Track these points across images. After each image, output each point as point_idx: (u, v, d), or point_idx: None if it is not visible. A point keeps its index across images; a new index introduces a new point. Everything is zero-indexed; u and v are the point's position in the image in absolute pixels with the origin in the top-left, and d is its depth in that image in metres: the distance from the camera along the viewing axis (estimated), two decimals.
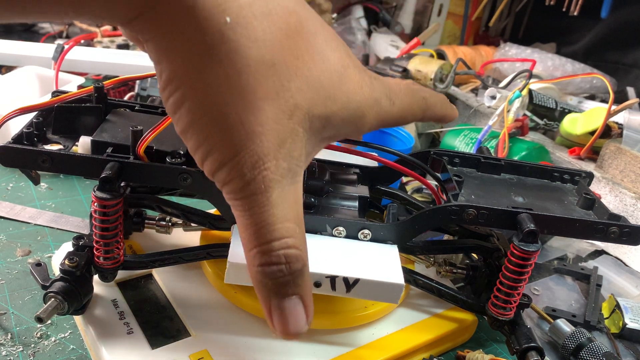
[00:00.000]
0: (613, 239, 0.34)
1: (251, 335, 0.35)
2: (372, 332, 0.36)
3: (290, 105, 0.24)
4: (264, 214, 0.25)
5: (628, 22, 0.90)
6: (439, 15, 1.05)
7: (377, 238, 0.34)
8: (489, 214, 0.33)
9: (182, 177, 0.32)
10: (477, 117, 0.71)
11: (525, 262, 0.33)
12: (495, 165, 0.40)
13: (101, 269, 0.35)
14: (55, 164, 0.32)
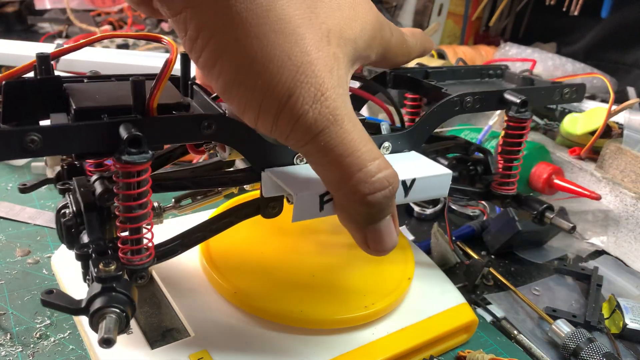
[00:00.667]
0: (567, 99, 0.43)
1: (251, 335, 0.35)
2: (372, 332, 0.36)
3: (324, 30, 0.24)
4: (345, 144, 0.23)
5: (628, 22, 0.90)
6: (439, 14, 1.05)
7: (395, 149, 0.36)
8: (482, 98, 0.38)
9: (204, 124, 0.27)
10: (477, 117, 0.71)
11: (522, 131, 0.40)
12: (441, 72, 0.44)
13: (134, 267, 0.28)
14: (47, 143, 0.24)
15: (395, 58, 0.34)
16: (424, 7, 1.07)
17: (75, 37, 0.96)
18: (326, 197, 0.29)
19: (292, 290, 0.36)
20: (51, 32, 1.08)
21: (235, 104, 0.24)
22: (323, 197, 0.29)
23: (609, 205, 0.56)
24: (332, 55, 0.24)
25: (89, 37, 0.30)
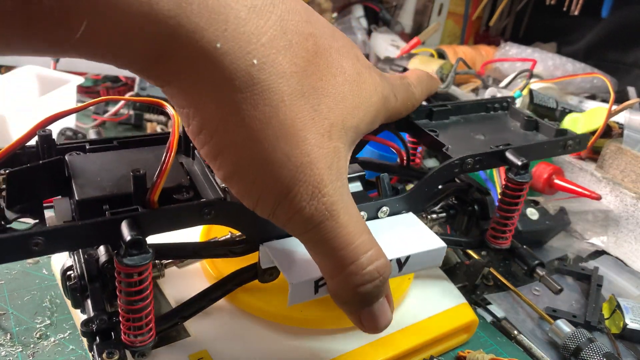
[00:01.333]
0: (570, 150, 0.41)
1: (251, 335, 0.35)
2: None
3: (327, 126, 0.24)
4: (339, 238, 0.25)
5: (628, 22, 0.90)
6: (439, 14, 1.05)
7: (393, 212, 0.36)
8: (482, 159, 0.37)
9: (205, 211, 0.28)
10: None
11: (519, 192, 0.38)
12: (445, 110, 0.42)
13: (133, 348, 0.29)
14: (50, 244, 0.25)
15: (399, 115, 0.35)
16: (424, 7, 1.07)
17: None
18: (321, 282, 0.30)
19: None
20: None
21: (235, 192, 0.25)
22: (318, 282, 0.30)
23: (609, 205, 0.56)
24: (333, 150, 0.25)
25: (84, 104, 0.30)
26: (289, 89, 0.23)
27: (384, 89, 0.30)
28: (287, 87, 0.23)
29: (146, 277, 0.27)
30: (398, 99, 0.32)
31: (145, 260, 0.26)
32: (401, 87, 0.34)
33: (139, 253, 0.26)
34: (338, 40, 0.27)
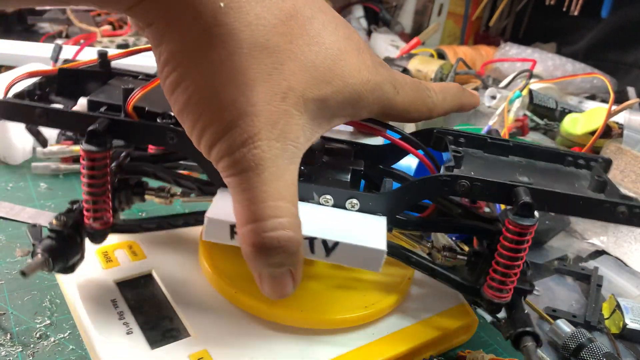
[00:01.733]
0: (622, 219, 0.32)
1: (251, 335, 0.35)
2: (372, 332, 0.36)
3: (284, 88, 0.25)
4: (255, 191, 0.25)
5: (628, 22, 0.90)
6: (439, 15, 1.05)
7: (365, 208, 0.33)
8: (482, 186, 0.32)
9: (169, 135, 0.33)
10: (477, 117, 0.71)
11: (520, 237, 0.31)
12: (503, 146, 0.37)
13: (90, 230, 0.35)
14: (50, 119, 0.34)
15: (406, 115, 0.34)
16: (424, 7, 1.07)
17: (75, 37, 0.96)
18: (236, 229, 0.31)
19: None
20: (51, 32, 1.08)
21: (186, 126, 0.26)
22: (233, 228, 0.30)
23: None
24: (283, 112, 0.25)
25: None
26: (250, 39, 0.24)
27: (375, 75, 0.30)
28: (249, 37, 0.24)
29: (100, 166, 0.33)
30: (400, 94, 0.32)
31: (98, 150, 0.32)
32: (410, 86, 0.33)
33: (96, 143, 0.32)
34: (327, 15, 0.28)
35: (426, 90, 0.35)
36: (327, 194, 0.33)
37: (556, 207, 0.32)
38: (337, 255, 0.31)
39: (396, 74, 0.32)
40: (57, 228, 0.35)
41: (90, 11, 1.10)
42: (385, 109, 0.32)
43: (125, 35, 0.99)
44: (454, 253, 0.38)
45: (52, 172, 0.58)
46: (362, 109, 0.30)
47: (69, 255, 0.35)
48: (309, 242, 0.30)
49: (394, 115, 0.33)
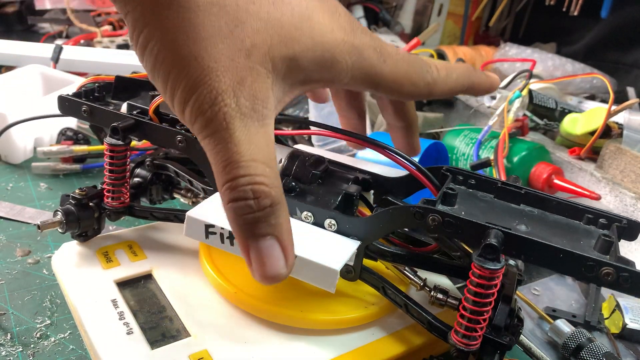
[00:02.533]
0: (607, 282, 0.28)
1: (251, 335, 0.35)
2: (372, 332, 0.36)
3: (247, 45, 0.25)
4: (228, 151, 0.25)
5: (628, 22, 0.90)
6: (439, 15, 1.05)
7: (343, 230, 0.34)
8: (455, 224, 0.29)
9: (178, 139, 0.36)
10: (477, 117, 0.71)
11: (484, 281, 0.28)
12: (515, 193, 0.34)
13: (107, 207, 0.41)
14: (93, 115, 0.40)
15: (400, 88, 0.32)
16: (424, 7, 1.07)
17: (75, 38, 0.96)
18: (210, 229, 0.32)
19: (292, 290, 0.36)
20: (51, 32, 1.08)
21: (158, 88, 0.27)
22: (208, 228, 0.33)
23: (609, 205, 0.56)
24: (249, 69, 0.26)
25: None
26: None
27: (352, 38, 0.29)
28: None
29: (119, 157, 0.39)
30: (387, 63, 0.31)
31: (116, 144, 0.38)
32: (402, 56, 0.32)
33: (117, 138, 0.38)
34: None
35: (425, 65, 0.33)
36: (308, 211, 0.34)
37: (533, 257, 0.29)
38: (298, 270, 0.31)
39: (384, 43, 0.31)
40: (78, 197, 0.40)
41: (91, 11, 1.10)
42: (370, 77, 0.31)
43: (126, 36, 0.99)
44: (445, 295, 0.35)
45: (52, 172, 0.58)
46: (340, 73, 0.29)
47: (82, 222, 0.40)
48: None
49: (384, 86, 0.32)
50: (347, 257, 0.32)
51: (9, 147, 0.59)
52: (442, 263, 0.36)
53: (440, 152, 0.60)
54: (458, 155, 0.63)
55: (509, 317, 0.33)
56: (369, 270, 0.35)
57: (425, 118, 0.69)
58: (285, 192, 0.33)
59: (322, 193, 0.36)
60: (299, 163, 0.37)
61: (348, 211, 0.35)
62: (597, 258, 0.28)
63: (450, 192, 0.33)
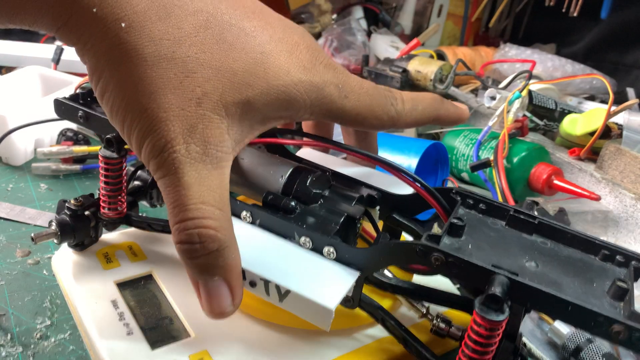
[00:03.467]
0: (619, 340, 0.25)
1: (251, 335, 0.35)
2: (372, 332, 0.36)
3: (198, 94, 0.27)
4: (177, 194, 0.26)
5: (628, 23, 0.90)
6: (439, 16, 1.05)
7: (342, 259, 0.32)
8: (459, 266, 0.28)
9: None
10: (477, 118, 0.71)
11: (485, 331, 0.27)
12: (528, 222, 0.32)
13: (103, 218, 0.40)
14: (88, 121, 0.39)
15: (363, 121, 0.33)
16: (424, 8, 1.07)
17: None
18: None
19: None
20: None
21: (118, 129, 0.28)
22: None
23: (609, 206, 0.56)
24: (199, 116, 0.27)
25: None
26: (155, 53, 0.26)
27: (312, 77, 0.30)
28: (153, 51, 0.26)
29: (114, 169, 0.38)
30: (349, 98, 0.32)
31: (111, 157, 0.38)
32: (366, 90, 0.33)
33: (112, 150, 0.38)
34: (255, 19, 0.29)
35: (390, 97, 0.34)
36: (306, 236, 0.32)
37: (539, 306, 0.27)
38: (288, 302, 0.30)
39: (349, 78, 0.32)
40: (73, 207, 0.39)
41: None
42: (331, 112, 0.32)
43: None
44: (448, 326, 0.34)
45: (53, 172, 0.58)
46: (299, 110, 0.30)
47: (78, 233, 0.39)
48: (265, 283, 0.30)
49: (347, 120, 0.33)
50: (344, 293, 0.30)
51: (9, 149, 0.59)
52: (445, 297, 0.35)
53: (439, 152, 0.60)
54: (458, 156, 0.63)
55: (512, 355, 0.30)
56: (369, 300, 0.34)
57: None
58: (284, 212, 0.33)
59: (323, 215, 0.34)
60: (300, 181, 0.35)
61: (350, 234, 0.34)
62: (608, 315, 0.25)
63: (457, 223, 0.30)
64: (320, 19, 0.93)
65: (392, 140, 0.59)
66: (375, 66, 0.74)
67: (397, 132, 0.67)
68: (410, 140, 0.59)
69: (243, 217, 0.34)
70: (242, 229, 0.33)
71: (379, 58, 0.87)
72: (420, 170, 0.54)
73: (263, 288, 0.31)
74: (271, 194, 0.34)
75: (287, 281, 0.30)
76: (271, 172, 0.35)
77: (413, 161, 0.54)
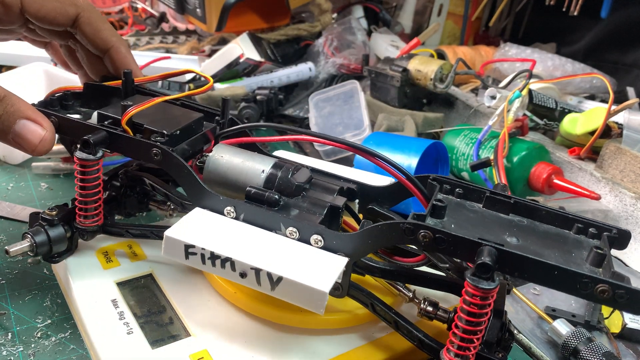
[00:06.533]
0: (603, 299, 0.27)
1: (251, 335, 0.35)
2: (372, 332, 0.36)
3: None
4: None
5: (628, 22, 0.90)
6: (439, 15, 1.05)
7: (329, 247, 0.32)
8: (447, 240, 0.29)
9: (154, 152, 0.35)
10: (477, 117, 0.71)
11: (478, 300, 0.28)
12: (504, 202, 0.34)
13: (79, 227, 0.38)
14: (61, 127, 0.38)
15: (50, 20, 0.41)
16: (424, 7, 1.07)
17: None
18: (190, 250, 0.32)
19: None
20: None
21: None
22: (188, 248, 0.32)
23: (609, 205, 0.56)
24: None
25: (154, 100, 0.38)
26: None
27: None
28: None
29: (91, 172, 0.36)
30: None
31: (88, 159, 0.35)
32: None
33: (88, 152, 0.35)
34: None
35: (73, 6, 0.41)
36: (292, 227, 0.33)
37: (527, 274, 0.28)
38: (281, 290, 0.30)
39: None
40: (48, 217, 0.38)
41: None
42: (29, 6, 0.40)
43: (126, 36, 0.99)
44: (435, 308, 0.34)
45: (53, 171, 0.58)
46: None
47: (54, 244, 0.38)
48: (255, 272, 0.31)
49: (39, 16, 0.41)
50: (335, 277, 0.31)
51: (8, 147, 0.59)
52: (433, 278, 0.35)
53: (439, 152, 0.60)
54: (458, 155, 0.63)
55: (500, 332, 0.32)
56: (357, 286, 0.34)
57: (425, 118, 0.69)
58: (268, 205, 0.34)
59: (306, 206, 0.34)
60: (282, 175, 0.35)
61: (334, 224, 0.35)
62: (593, 275, 0.27)
63: (439, 204, 0.31)
64: (321, 18, 0.93)
65: (392, 140, 0.59)
66: (376, 65, 0.74)
67: (397, 132, 0.67)
68: (410, 139, 0.59)
69: (227, 213, 0.34)
70: (226, 224, 0.34)
71: (379, 57, 0.87)
72: (420, 170, 0.54)
73: (254, 278, 0.31)
74: (253, 188, 0.34)
75: (278, 269, 0.30)
76: (252, 167, 0.36)
77: (413, 160, 0.54)
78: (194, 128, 0.39)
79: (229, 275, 0.31)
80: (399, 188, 0.37)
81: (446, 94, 0.74)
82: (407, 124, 0.67)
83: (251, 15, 0.90)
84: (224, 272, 0.31)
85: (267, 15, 0.91)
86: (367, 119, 0.69)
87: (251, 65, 0.81)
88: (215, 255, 0.31)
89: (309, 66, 0.83)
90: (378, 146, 0.57)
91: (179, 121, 0.38)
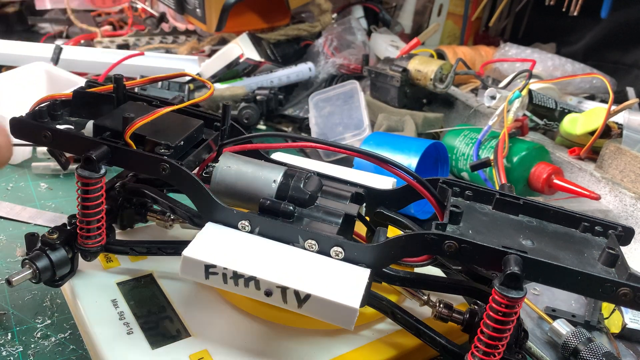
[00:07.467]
0: (624, 302, 0.28)
1: (251, 335, 0.35)
2: (372, 332, 0.36)
3: None
4: None
5: (628, 22, 0.90)
6: (439, 15, 1.05)
7: (350, 258, 0.32)
8: (472, 250, 0.29)
9: (162, 167, 0.33)
10: (477, 117, 0.71)
11: (506, 309, 0.28)
12: (513, 204, 0.34)
13: (82, 248, 0.36)
14: (55, 140, 0.35)
15: None
16: (424, 7, 1.07)
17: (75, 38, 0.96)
18: (211, 270, 0.31)
19: None
20: (52, 33, 1.08)
21: None
22: (209, 268, 0.31)
23: (609, 205, 0.56)
24: None
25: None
26: None
27: None
28: None
29: (94, 190, 0.34)
30: None
31: (91, 176, 0.33)
32: None
33: (90, 169, 0.33)
34: None
35: None
36: (312, 239, 0.32)
37: (551, 280, 0.29)
38: (308, 307, 0.30)
39: None
40: (49, 241, 0.35)
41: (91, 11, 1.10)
42: None
43: (126, 36, 0.99)
44: (450, 310, 0.35)
45: (53, 172, 0.58)
46: None
47: (57, 269, 0.35)
48: (282, 290, 0.30)
49: None
50: (362, 290, 0.30)
51: None
52: (453, 284, 0.35)
53: (439, 152, 0.60)
54: (458, 155, 0.63)
55: (517, 332, 0.33)
56: (377, 295, 0.34)
57: (425, 118, 0.69)
58: (283, 217, 0.33)
59: (321, 216, 0.34)
60: (294, 184, 0.34)
61: (348, 233, 0.34)
62: (616, 279, 0.28)
63: (456, 210, 0.32)
64: (321, 18, 0.93)
65: (392, 140, 0.59)
66: (376, 65, 0.74)
67: (397, 132, 0.67)
68: (410, 139, 0.59)
69: (241, 227, 0.33)
70: (242, 239, 0.33)
71: (379, 57, 0.87)
72: (420, 170, 0.54)
73: (280, 296, 0.30)
74: (268, 200, 0.33)
75: (304, 286, 0.30)
76: (262, 177, 0.34)
77: (413, 160, 0.54)
78: (195, 136, 0.37)
79: (253, 294, 0.30)
80: (408, 191, 0.36)
81: (446, 94, 0.74)
82: (407, 124, 0.67)
83: (251, 15, 0.90)
84: (248, 291, 0.30)
85: (267, 15, 0.91)
86: (367, 119, 0.69)
87: (251, 66, 0.81)
88: (239, 275, 0.30)
89: (309, 66, 0.83)
90: (378, 146, 0.57)
91: (180, 130, 0.36)
